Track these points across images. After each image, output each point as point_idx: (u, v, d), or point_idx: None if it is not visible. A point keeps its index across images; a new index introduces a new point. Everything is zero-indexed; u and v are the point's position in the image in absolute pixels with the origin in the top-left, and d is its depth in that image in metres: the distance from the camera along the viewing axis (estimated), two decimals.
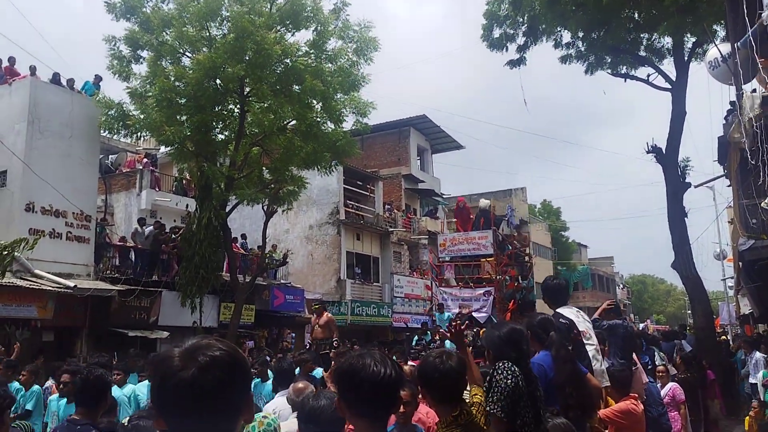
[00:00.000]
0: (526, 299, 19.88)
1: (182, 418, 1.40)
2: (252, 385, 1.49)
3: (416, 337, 16.45)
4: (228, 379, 1.42)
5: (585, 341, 4.61)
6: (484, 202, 22.05)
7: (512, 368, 3.10)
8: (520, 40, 17.37)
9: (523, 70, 17.72)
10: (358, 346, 13.93)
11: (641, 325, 38.57)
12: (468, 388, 3.04)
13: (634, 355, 6.38)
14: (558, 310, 4.71)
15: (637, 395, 5.33)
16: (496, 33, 17.38)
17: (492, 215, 21.01)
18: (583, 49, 17.48)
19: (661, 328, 19.09)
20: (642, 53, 17.50)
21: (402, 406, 3.06)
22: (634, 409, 5.07)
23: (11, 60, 17.35)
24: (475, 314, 18.59)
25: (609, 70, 18.08)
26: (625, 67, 18.06)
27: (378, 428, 1.93)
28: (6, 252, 13.03)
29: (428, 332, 16.09)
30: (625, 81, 17.96)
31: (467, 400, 2.93)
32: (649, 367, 8.08)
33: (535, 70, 22.13)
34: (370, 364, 1.91)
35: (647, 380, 6.67)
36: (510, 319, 16.33)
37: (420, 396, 3.39)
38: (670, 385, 7.76)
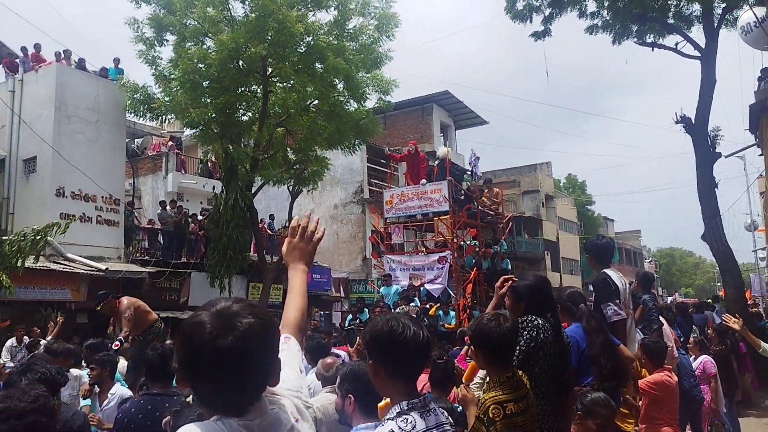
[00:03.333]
0: (496, 267, 15.99)
1: (215, 384, 1.40)
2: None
3: (350, 316, 14.16)
4: (262, 346, 1.42)
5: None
6: (441, 150, 16.99)
7: (534, 321, 3.24)
8: (545, 10, 17.07)
9: (547, 41, 17.45)
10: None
11: (669, 299, 38.23)
12: None
13: (666, 328, 6.33)
14: (606, 270, 4.67)
15: (670, 367, 5.29)
16: (520, 4, 17.09)
17: (447, 164, 15.86)
18: (608, 18, 17.12)
19: (689, 301, 18.27)
20: (670, 21, 17.09)
21: None
22: (668, 381, 5.04)
23: (37, 47, 17.54)
24: (428, 286, 14.87)
25: (636, 39, 17.70)
26: (652, 36, 17.65)
27: (412, 387, 2.02)
28: (39, 236, 13.23)
29: (365, 310, 13.42)
30: (653, 50, 17.56)
31: None
32: (682, 339, 8.01)
33: (560, 41, 21.73)
34: (408, 327, 1.98)
35: (677, 353, 6.62)
36: (472, 291, 14.42)
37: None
38: (702, 358, 7.68)
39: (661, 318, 6.63)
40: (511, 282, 3.66)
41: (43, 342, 9.87)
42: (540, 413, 3.05)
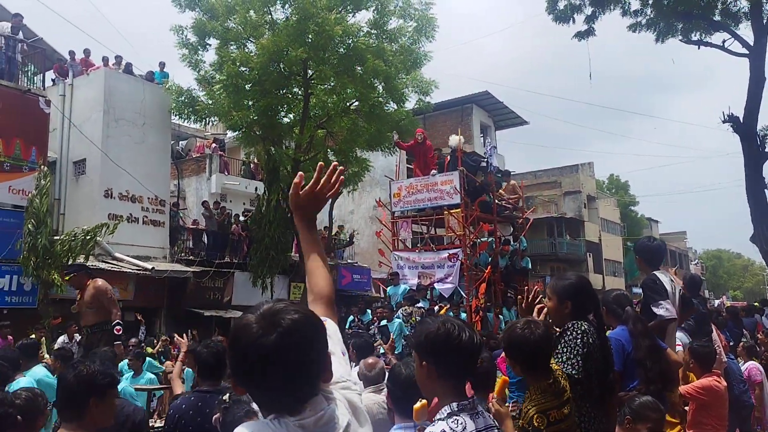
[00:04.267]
0: (515, 266, 14.94)
1: (266, 384, 1.41)
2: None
3: (351, 317, 13.31)
4: (308, 341, 1.43)
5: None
6: (453, 139, 15.16)
7: (582, 326, 3.16)
8: (588, 10, 16.84)
9: (590, 39, 17.19)
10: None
11: (716, 302, 37.27)
12: None
13: (715, 332, 6.20)
14: (655, 272, 4.60)
15: (719, 372, 5.19)
16: (561, 4, 16.90)
17: (459, 153, 14.37)
18: (652, 16, 16.81)
19: (738, 304, 17.65)
20: (716, 18, 16.68)
21: None
22: (716, 386, 4.94)
23: (86, 52, 18.07)
24: (438, 286, 13.66)
25: (680, 37, 17.33)
26: (698, 34, 17.26)
27: (462, 389, 2.04)
28: (89, 237, 13.71)
29: (368, 311, 12.81)
30: (699, 48, 17.18)
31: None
32: (731, 344, 7.82)
33: (602, 39, 21.40)
34: (463, 330, 2.02)
35: (726, 358, 6.47)
36: (485, 292, 13.01)
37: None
38: (748, 364, 7.48)
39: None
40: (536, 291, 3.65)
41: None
42: (585, 416, 3.03)
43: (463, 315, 12.49)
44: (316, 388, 1.49)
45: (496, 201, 15.13)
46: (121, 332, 7.02)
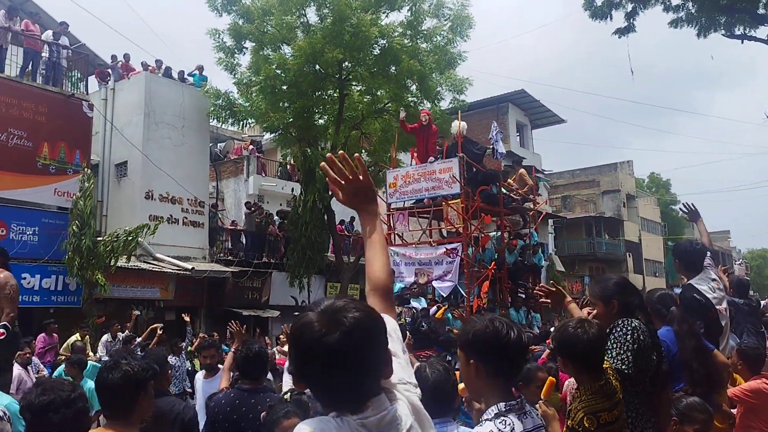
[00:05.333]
0: (528, 262, 13.78)
1: (328, 381, 1.40)
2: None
3: None
4: (370, 339, 1.42)
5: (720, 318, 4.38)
6: (455, 125, 13.61)
7: (632, 323, 3.11)
8: (627, 6, 16.53)
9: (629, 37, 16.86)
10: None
11: (762, 303, 36.25)
12: None
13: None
14: (693, 283, 4.46)
15: None
16: (599, 0, 16.63)
17: (459, 138, 12.80)
18: (693, 11, 16.41)
19: None
20: (761, 11, 16.22)
21: None
22: (765, 389, 4.80)
23: (126, 56, 18.44)
24: (435, 284, 12.39)
25: (723, 32, 16.89)
26: (741, 28, 16.81)
27: (509, 389, 2.04)
28: (130, 237, 14.01)
29: None
30: (742, 42, 16.71)
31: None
32: None
33: (642, 35, 21.00)
34: (511, 328, 2.00)
35: None
36: (488, 290, 11.80)
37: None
38: None
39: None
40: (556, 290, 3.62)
41: (138, 339, 10.37)
42: (633, 412, 2.97)
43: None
44: (378, 386, 1.48)
45: (504, 191, 13.75)
46: (4, 336, 5.18)
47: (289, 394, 3.41)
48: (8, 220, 13.51)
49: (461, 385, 2.68)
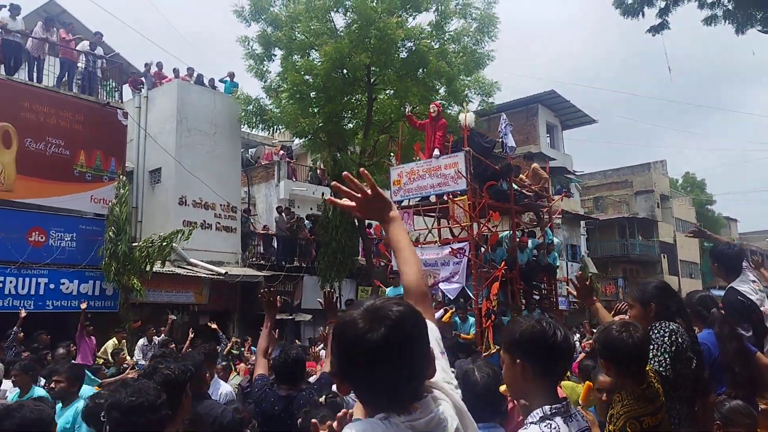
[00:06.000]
0: (540, 261, 12.96)
1: (374, 380, 1.39)
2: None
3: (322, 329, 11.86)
4: (416, 334, 1.41)
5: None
6: (462, 117, 12.78)
7: (670, 325, 3.06)
8: (659, 2, 16.28)
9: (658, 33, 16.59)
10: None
11: None
12: None
13: None
14: (734, 285, 4.37)
15: None
16: None
17: (465, 132, 12.10)
18: (730, 7, 16.09)
19: None
20: None
21: None
22: None
23: (159, 65, 18.76)
24: (442, 286, 11.63)
25: (760, 27, 16.53)
26: None
27: (555, 390, 2.01)
28: (165, 243, 14.23)
29: None
30: None
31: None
32: None
33: (675, 32, 20.64)
34: (558, 329, 1.98)
35: None
36: (498, 292, 10.99)
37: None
38: None
39: None
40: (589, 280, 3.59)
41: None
42: (675, 416, 2.92)
43: (471, 320, 11.14)
44: (423, 387, 1.47)
45: (515, 187, 13.05)
46: None
47: (324, 398, 3.41)
48: (47, 227, 13.83)
49: (503, 387, 2.66)
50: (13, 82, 14.03)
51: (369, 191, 1.90)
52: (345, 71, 16.36)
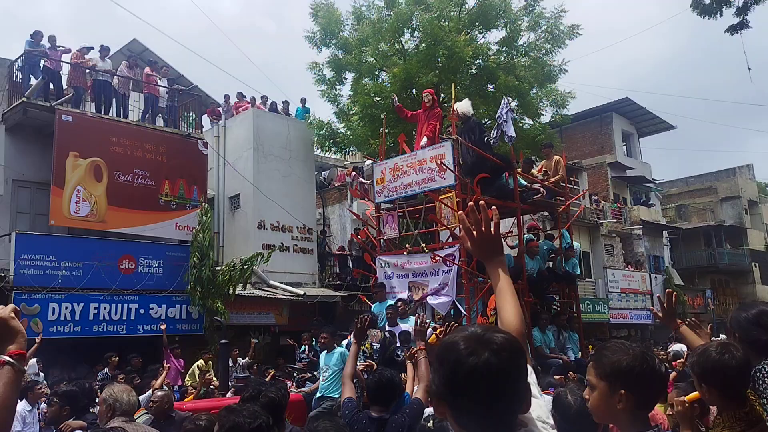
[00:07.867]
0: (555, 269, 11.55)
1: (474, 403, 1.39)
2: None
3: (303, 347, 11.47)
4: (515, 364, 1.41)
5: None
6: (460, 106, 10.99)
7: None
8: (738, 1, 15.68)
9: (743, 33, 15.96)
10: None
11: None
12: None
13: None
14: None
15: None
16: None
17: (454, 118, 10.64)
18: None
19: None
20: None
21: None
22: None
23: (238, 95, 19.48)
24: (430, 300, 10.07)
25: None
26: None
27: (647, 418, 2.00)
28: (246, 266, 14.70)
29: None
30: None
31: None
32: None
33: (755, 31, 19.76)
34: (654, 359, 1.97)
35: None
36: (495, 306, 7.78)
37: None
38: None
39: None
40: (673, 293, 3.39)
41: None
42: None
43: None
44: (517, 420, 1.47)
45: (523, 183, 11.35)
46: None
47: (432, 421, 3.41)
48: (136, 255, 14.55)
49: None
50: (102, 119, 14.92)
51: (492, 230, 1.92)
52: (414, 91, 16.52)
